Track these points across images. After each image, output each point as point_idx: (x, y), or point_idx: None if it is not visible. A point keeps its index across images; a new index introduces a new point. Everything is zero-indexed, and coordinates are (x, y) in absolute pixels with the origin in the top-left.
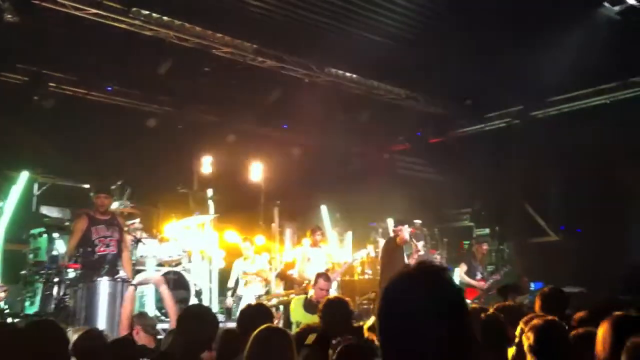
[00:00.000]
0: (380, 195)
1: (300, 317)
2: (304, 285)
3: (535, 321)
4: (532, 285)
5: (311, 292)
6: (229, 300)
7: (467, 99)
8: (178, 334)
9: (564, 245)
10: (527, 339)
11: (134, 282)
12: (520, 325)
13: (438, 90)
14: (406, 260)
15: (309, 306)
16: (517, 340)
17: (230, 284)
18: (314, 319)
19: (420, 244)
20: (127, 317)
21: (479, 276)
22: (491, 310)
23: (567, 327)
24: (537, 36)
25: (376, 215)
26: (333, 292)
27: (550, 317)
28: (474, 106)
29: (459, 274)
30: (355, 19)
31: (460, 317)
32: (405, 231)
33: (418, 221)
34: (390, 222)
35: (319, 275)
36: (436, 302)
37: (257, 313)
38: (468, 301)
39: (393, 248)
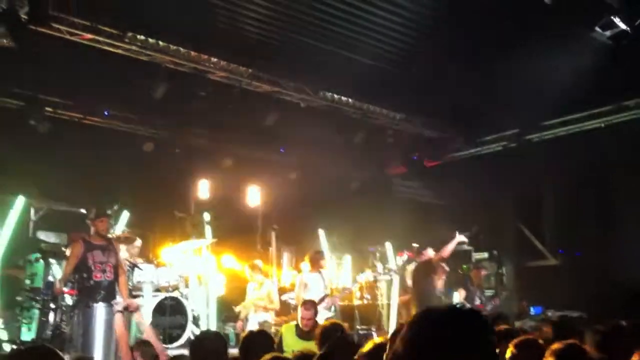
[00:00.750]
0: (378, 219)
1: (293, 344)
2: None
3: (555, 345)
4: (532, 310)
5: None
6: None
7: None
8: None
9: (562, 269)
10: None
11: (117, 308)
12: (510, 347)
13: (433, 113)
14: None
15: (302, 333)
16: None
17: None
18: (307, 345)
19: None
20: (126, 342)
21: (477, 301)
22: None
23: None
24: (532, 60)
25: (374, 239)
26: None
27: (571, 341)
28: (469, 130)
29: (457, 300)
30: (350, 43)
31: None
32: (431, 251)
33: (416, 245)
34: (389, 245)
35: (302, 304)
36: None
37: (258, 339)
38: None
39: (426, 272)
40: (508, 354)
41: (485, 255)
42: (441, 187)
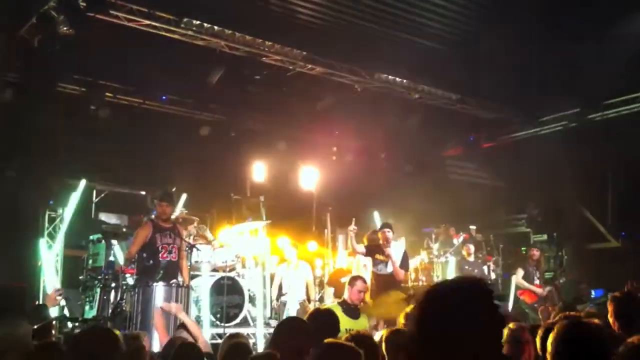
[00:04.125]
0: (434, 201)
1: (343, 323)
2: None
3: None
4: (593, 293)
5: (346, 295)
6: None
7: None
8: (271, 345)
9: (624, 252)
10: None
11: (161, 306)
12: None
13: (490, 94)
14: None
15: (349, 311)
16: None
17: (274, 289)
18: (357, 324)
19: (472, 252)
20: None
21: (536, 282)
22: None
23: None
24: (593, 37)
25: (430, 221)
26: None
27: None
28: (528, 110)
29: (515, 280)
30: (404, 24)
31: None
32: None
33: (473, 227)
34: (444, 227)
35: (356, 278)
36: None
37: (324, 317)
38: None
39: None
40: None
41: (544, 237)
42: (498, 168)
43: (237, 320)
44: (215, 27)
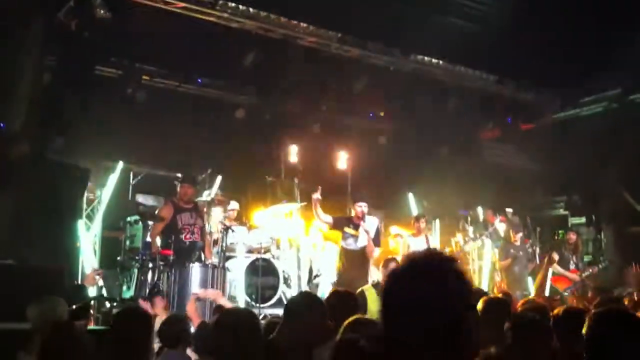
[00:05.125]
0: (469, 182)
1: (377, 304)
2: None
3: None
4: None
5: (380, 277)
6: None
7: None
8: (285, 324)
9: None
10: None
11: (197, 292)
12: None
13: (529, 75)
14: None
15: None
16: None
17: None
18: None
19: (519, 236)
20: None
21: (572, 266)
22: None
23: None
24: (636, 16)
25: (466, 203)
26: None
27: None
28: (567, 91)
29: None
30: (441, 4)
31: (459, 313)
32: None
33: (509, 209)
34: (480, 210)
35: (390, 260)
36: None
37: (343, 299)
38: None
39: None
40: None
41: (583, 220)
42: (536, 150)
43: (272, 301)
44: (251, 10)
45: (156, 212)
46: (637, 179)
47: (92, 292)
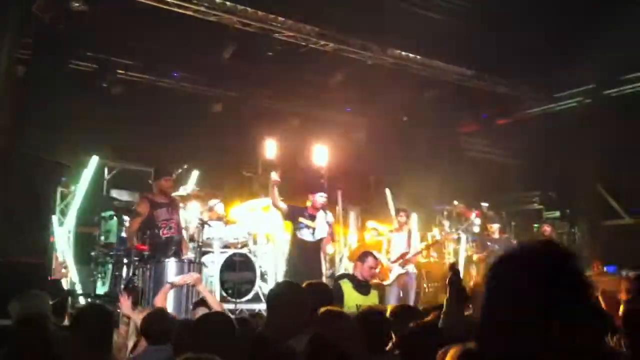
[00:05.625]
0: (447, 178)
1: (353, 299)
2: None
3: None
4: (605, 269)
5: (356, 271)
6: None
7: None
8: (270, 316)
9: (638, 228)
10: None
11: (172, 280)
12: None
13: (505, 69)
14: None
15: (359, 286)
16: None
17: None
18: (367, 299)
19: (496, 227)
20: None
21: None
22: None
23: None
24: (609, 11)
25: (443, 198)
26: (413, 275)
27: None
28: (543, 86)
29: None
30: None
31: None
32: None
33: (485, 204)
34: (457, 204)
35: (367, 254)
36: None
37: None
38: None
39: None
40: None
41: (557, 214)
42: (512, 145)
43: (249, 297)
44: (228, 3)
45: (133, 207)
46: (611, 173)
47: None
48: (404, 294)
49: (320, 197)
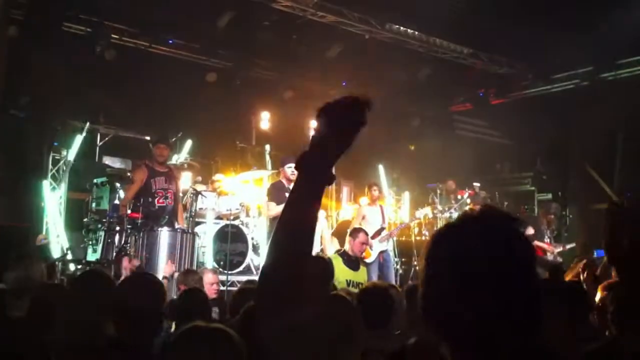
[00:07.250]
0: (440, 156)
1: (344, 274)
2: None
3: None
4: (595, 253)
5: (347, 247)
6: None
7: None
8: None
9: None
10: None
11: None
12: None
13: (502, 49)
14: None
15: (349, 262)
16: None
17: None
18: (357, 275)
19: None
20: None
21: (547, 240)
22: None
23: None
24: None
25: (435, 176)
26: (390, 252)
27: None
28: (539, 66)
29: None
30: None
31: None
32: None
33: (477, 184)
34: (450, 183)
35: (358, 230)
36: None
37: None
38: None
39: None
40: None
41: (549, 196)
42: (506, 125)
43: (240, 268)
44: None
45: (128, 174)
46: (603, 157)
47: (56, 253)
48: (386, 270)
49: (289, 169)
